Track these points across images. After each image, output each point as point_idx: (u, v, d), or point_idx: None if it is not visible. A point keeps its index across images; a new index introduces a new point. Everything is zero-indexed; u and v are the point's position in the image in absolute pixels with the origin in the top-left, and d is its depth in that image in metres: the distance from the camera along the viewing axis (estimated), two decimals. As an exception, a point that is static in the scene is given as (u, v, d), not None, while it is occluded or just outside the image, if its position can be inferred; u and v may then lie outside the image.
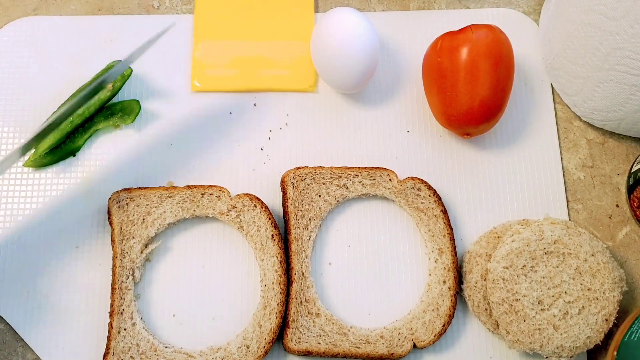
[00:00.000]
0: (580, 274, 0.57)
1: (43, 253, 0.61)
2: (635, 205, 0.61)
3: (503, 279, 0.57)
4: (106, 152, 0.64)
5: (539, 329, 0.56)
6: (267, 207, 0.60)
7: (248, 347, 0.57)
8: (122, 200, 0.60)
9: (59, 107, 0.64)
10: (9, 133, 0.64)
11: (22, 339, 0.59)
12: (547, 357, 0.56)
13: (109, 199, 0.60)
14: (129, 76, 0.63)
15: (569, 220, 0.62)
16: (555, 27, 0.63)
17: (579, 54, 0.60)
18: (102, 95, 0.63)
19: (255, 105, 0.66)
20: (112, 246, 0.59)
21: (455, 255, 0.60)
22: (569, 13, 0.60)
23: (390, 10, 0.69)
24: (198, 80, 0.66)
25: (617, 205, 0.63)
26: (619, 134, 0.65)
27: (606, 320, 0.56)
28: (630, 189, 0.61)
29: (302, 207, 0.60)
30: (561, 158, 0.65)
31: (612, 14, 0.55)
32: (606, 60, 0.58)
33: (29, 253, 0.61)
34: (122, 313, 0.58)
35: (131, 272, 0.59)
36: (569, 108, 0.66)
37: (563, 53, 0.62)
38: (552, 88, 0.67)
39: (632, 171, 0.62)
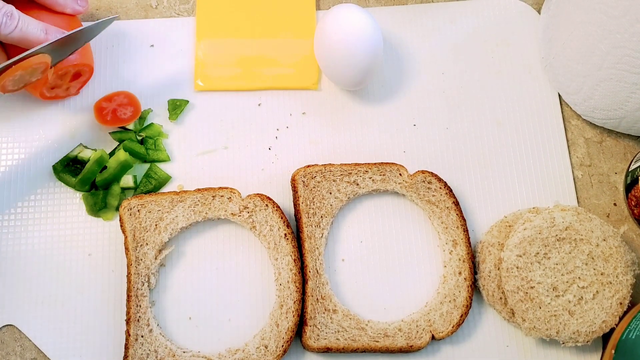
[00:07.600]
0: (593, 259, 0.58)
1: (56, 261, 0.60)
2: (633, 203, 0.61)
3: (517, 267, 0.57)
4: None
5: (555, 315, 0.57)
6: (279, 207, 0.60)
7: (267, 347, 0.57)
8: (134, 207, 0.59)
9: None
10: (8, 144, 0.64)
11: (28, 340, 0.58)
12: (563, 343, 0.57)
13: (120, 207, 0.59)
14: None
15: (579, 206, 0.63)
16: (556, 26, 0.63)
17: (579, 52, 0.60)
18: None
19: (259, 105, 0.65)
20: (126, 254, 0.59)
21: (470, 246, 0.60)
22: (569, 12, 0.60)
23: (389, 5, 0.69)
24: (201, 80, 0.66)
25: (614, 204, 0.64)
26: (617, 132, 0.65)
27: (620, 303, 0.57)
28: (628, 188, 0.62)
29: (314, 204, 0.60)
30: (567, 145, 0.65)
31: (612, 12, 0.55)
32: (606, 59, 0.58)
33: (42, 261, 0.60)
34: (138, 320, 0.58)
35: (146, 279, 0.59)
36: (567, 107, 0.66)
37: (563, 52, 0.63)
38: (554, 76, 0.67)
39: (630, 170, 0.62)
